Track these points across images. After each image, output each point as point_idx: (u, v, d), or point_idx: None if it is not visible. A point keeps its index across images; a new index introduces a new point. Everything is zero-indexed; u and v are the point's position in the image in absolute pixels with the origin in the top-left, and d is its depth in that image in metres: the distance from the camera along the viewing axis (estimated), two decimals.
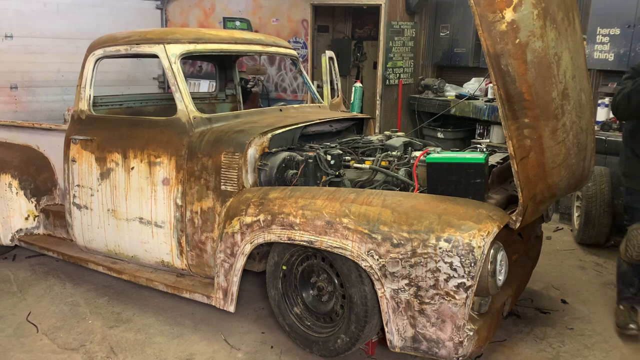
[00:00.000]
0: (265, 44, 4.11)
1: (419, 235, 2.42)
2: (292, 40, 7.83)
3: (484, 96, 7.02)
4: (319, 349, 2.90)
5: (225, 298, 3.05)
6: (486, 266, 2.37)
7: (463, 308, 2.35)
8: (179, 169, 3.23)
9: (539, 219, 3.35)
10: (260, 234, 2.84)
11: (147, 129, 3.42)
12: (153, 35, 3.49)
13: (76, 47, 6.32)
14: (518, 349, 3.10)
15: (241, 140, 3.07)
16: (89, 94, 3.68)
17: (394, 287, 2.48)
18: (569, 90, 2.58)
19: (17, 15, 7.02)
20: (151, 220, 3.38)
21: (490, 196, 2.76)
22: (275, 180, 3.12)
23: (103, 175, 3.55)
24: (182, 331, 3.29)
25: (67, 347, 3.12)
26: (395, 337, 2.55)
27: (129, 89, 7.27)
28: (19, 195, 4.14)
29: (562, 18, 2.54)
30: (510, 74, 2.23)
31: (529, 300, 3.67)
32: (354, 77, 9.24)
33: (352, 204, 2.64)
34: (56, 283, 3.95)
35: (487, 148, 3.34)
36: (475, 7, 2.15)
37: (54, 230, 4.17)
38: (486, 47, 2.19)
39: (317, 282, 2.92)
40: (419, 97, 7.80)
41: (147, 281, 3.45)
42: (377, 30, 8.08)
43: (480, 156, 2.69)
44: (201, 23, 8.52)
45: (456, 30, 7.74)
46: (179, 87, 3.31)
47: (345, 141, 3.69)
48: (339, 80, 5.09)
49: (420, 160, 2.94)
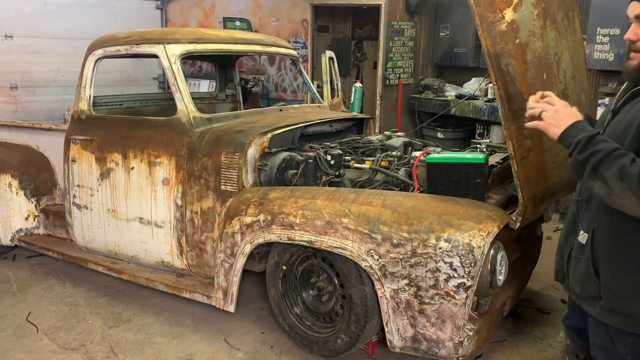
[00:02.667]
0: (265, 44, 4.11)
1: (419, 235, 2.42)
2: (292, 40, 7.82)
3: (484, 96, 7.01)
4: (319, 349, 2.90)
5: (225, 298, 3.05)
6: (486, 266, 2.37)
7: (463, 308, 2.35)
8: (179, 169, 3.23)
9: (539, 219, 3.35)
10: (260, 234, 2.84)
11: (147, 129, 3.42)
12: (153, 35, 3.49)
13: (76, 47, 6.30)
14: (518, 349, 3.10)
15: (241, 140, 3.07)
16: (89, 94, 3.68)
17: (394, 287, 2.48)
18: (569, 90, 2.59)
19: (17, 15, 7.01)
20: (151, 220, 3.38)
21: (490, 196, 2.76)
22: (275, 180, 3.12)
23: (103, 175, 3.55)
24: (182, 331, 3.29)
25: (67, 347, 3.12)
26: (395, 337, 2.55)
27: (129, 89, 7.26)
28: (19, 195, 4.14)
29: (562, 18, 2.55)
30: (510, 74, 2.24)
31: (529, 300, 3.67)
32: (354, 77, 9.23)
33: (352, 204, 2.64)
34: (56, 283, 3.95)
35: (487, 148, 3.34)
36: (475, 7, 2.15)
37: (54, 230, 4.17)
38: (486, 47, 2.19)
39: (317, 282, 2.92)
40: (419, 97, 7.79)
41: (147, 281, 3.45)
42: (377, 30, 8.08)
43: (480, 156, 2.69)
44: (201, 23, 8.52)
45: (456, 30, 7.73)
46: (179, 87, 3.31)
47: (345, 141, 3.69)
48: (339, 80, 5.09)
49: (420, 160, 2.94)
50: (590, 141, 1.63)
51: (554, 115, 1.73)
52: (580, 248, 1.84)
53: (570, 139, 1.68)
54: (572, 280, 1.90)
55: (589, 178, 1.64)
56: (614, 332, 1.78)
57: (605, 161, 1.59)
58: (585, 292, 1.84)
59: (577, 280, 1.86)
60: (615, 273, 1.74)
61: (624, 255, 1.72)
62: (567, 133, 1.70)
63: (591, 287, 1.80)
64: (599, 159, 1.60)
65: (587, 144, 1.63)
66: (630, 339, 1.75)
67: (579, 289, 1.86)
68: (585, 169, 1.63)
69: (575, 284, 1.88)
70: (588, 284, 1.81)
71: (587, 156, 1.62)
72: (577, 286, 1.87)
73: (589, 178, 1.64)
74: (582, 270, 1.83)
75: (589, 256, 1.80)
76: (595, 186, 1.64)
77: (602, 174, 1.59)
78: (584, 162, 1.63)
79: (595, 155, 1.61)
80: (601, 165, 1.60)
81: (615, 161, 1.58)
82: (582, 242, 1.83)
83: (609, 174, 1.58)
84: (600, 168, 1.60)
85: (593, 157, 1.61)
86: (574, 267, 1.88)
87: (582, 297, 1.86)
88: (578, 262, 1.86)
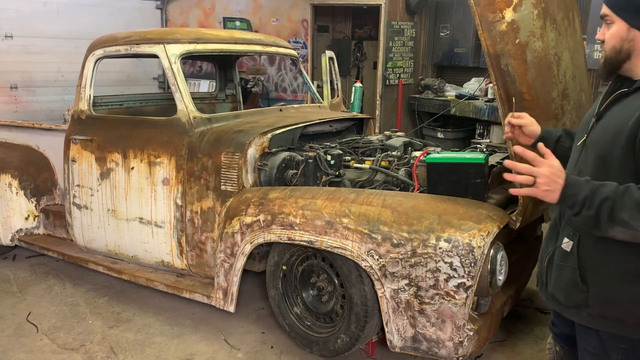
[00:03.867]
0: (265, 44, 4.11)
1: (419, 235, 2.42)
2: (292, 40, 7.82)
3: (484, 96, 7.01)
4: (319, 349, 2.90)
5: (225, 298, 3.05)
6: (486, 266, 2.37)
7: (463, 308, 2.35)
8: (179, 169, 3.23)
9: (539, 219, 3.35)
10: (260, 234, 2.84)
11: (147, 129, 3.42)
12: (153, 35, 3.49)
13: (76, 47, 6.30)
14: (518, 349, 3.10)
15: (241, 140, 3.07)
16: (89, 94, 3.68)
17: (394, 287, 2.48)
18: (569, 90, 2.59)
19: (17, 15, 7.01)
20: (151, 220, 3.38)
21: (490, 196, 2.76)
22: (275, 180, 3.12)
23: (103, 175, 3.55)
24: (182, 331, 3.29)
25: (67, 347, 3.12)
26: (395, 337, 2.55)
27: (129, 89, 7.25)
28: (19, 195, 4.14)
29: (562, 18, 2.55)
30: (510, 74, 2.24)
31: (529, 300, 3.67)
32: (354, 77, 9.23)
33: (352, 204, 2.64)
34: (56, 283, 3.95)
35: (487, 148, 3.34)
36: (475, 7, 2.15)
37: (54, 230, 4.17)
38: (486, 47, 2.19)
39: (317, 282, 2.92)
40: (419, 97, 7.79)
41: (147, 281, 3.45)
42: (377, 30, 8.08)
43: (480, 156, 2.69)
44: (201, 23, 8.52)
45: (456, 30, 7.73)
46: (179, 87, 3.31)
47: (345, 141, 3.69)
48: (339, 80, 5.09)
49: (420, 160, 2.94)
50: (592, 193, 1.56)
51: (548, 181, 1.59)
52: (564, 255, 1.79)
53: (573, 199, 1.58)
54: (555, 288, 1.83)
55: (608, 227, 1.55)
56: (606, 337, 1.74)
57: (617, 204, 1.51)
58: (569, 300, 1.78)
59: (562, 288, 1.80)
60: (606, 281, 1.70)
61: (615, 262, 1.68)
62: (565, 194, 1.59)
63: (577, 295, 1.75)
64: (611, 206, 1.52)
65: (592, 197, 1.55)
66: (622, 345, 1.72)
67: (563, 297, 1.80)
68: (601, 221, 1.55)
69: (559, 292, 1.82)
70: (574, 292, 1.76)
71: (597, 210, 1.54)
72: (561, 294, 1.81)
73: (608, 227, 1.55)
74: (566, 278, 1.78)
75: (574, 263, 1.75)
76: (617, 233, 1.55)
77: (620, 217, 1.52)
78: (597, 216, 1.55)
79: (605, 204, 1.53)
80: (615, 211, 1.52)
81: (626, 199, 1.51)
82: (567, 250, 1.78)
83: (628, 215, 1.51)
84: (615, 213, 1.52)
85: (603, 207, 1.53)
86: (556, 275, 1.83)
87: (567, 305, 1.80)
88: (561, 270, 1.80)
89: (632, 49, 1.69)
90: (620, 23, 1.70)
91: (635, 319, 1.68)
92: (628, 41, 1.69)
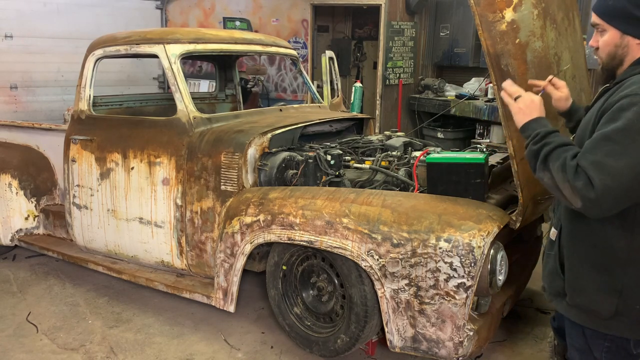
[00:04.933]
0: (265, 44, 4.11)
1: (419, 235, 2.42)
2: (292, 40, 7.82)
3: (484, 96, 7.02)
4: (319, 349, 2.90)
5: (225, 298, 3.05)
6: (486, 266, 2.37)
7: (463, 308, 2.35)
8: (179, 169, 3.23)
9: (539, 219, 3.35)
10: (260, 234, 2.84)
11: (147, 129, 3.41)
12: (153, 35, 3.49)
13: (76, 47, 6.30)
14: (518, 349, 3.10)
15: (241, 140, 3.07)
16: (88, 94, 3.68)
17: (394, 287, 2.48)
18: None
19: (17, 15, 7.01)
20: (151, 220, 3.38)
21: (490, 196, 2.76)
22: (275, 180, 3.12)
23: (103, 175, 3.55)
24: (182, 331, 3.29)
25: (67, 347, 3.12)
26: (395, 337, 2.55)
27: (129, 89, 7.26)
28: (19, 195, 4.14)
29: (562, 18, 2.55)
30: (510, 74, 2.23)
31: (529, 300, 3.67)
32: (354, 77, 9.24)
33: (352, 204, 2.64)
34: (56, 283, 3.95)
35: (487, 148, 3.34)
36: (475, 7, 2.15)
37: (54, 230, 4.17)
38: (486, 47, 2.19)
39: (317, 282, 2.92)
40: (419, 97, 7.79)
41: (147, 281, 3.45)
42: (377, 30, 8.08)
43: (480, 156, 2.69)
44: (201, 23, 8.52)
45: (456, 30, 7.73)
46: (179, 87, 3.31)
47: (345, 141, 3.69)
48: (339, 80, 5.09)
49: (420, 160, 2.94)
50: (546, 135, 1.71)
51: (530, 104, 1.80)
52: (550, 244, 1.92)
53: (531, 131, 1.76)
54: (543, 276, 1.97)
55: (540, 169, 1.71)
56: (590, 334, 1.80)
57: (554, 153, 1.66)
58: (552, 287, 1.90)
59: (547, 276, 1.93)
60: (577, 269, 1.78)
61: (585, 251, 1.77)
62: (530, 124, 1.78)
63: (557, 283, 1.86)
64: (549, 151, 1.67)
65: (543, 137, 1.71)
66: (605, 342, 1.78)
67: (548, 285, 1.92)
68: (538, 160, 1.71)
69: (545, 280, 1.94)
70: (555, 280, 1.87)
71: (540, 147, 1.70)
72: (547, 282, 1.93)
73: (540, 169, 1.71)
74: (550, 266, 1.90)
75: (556, 252, 1.87)
76: (545, 177, 1.70)
77: (550, 165, 1.66)
78: (537, 153, 1.71)
79: (546, 147, 1.68)
80: (550, 157, 1.67)
81: (562, 154, 1.64)
82: (552, 239, 1.90)
83: (554, 166, 1.64)
84: (548, 160, 1.67)
85: (544, 148, 1.69)
86: (544, 264, 1.96)
87: (551, 293, 1.92)
88: (547, 258, 1.92)
89: (626, 54, 1.77)
90: (612, 31, 1.77)
91: (604, 312, 1.73)
92: (622, 47, 1.77)
